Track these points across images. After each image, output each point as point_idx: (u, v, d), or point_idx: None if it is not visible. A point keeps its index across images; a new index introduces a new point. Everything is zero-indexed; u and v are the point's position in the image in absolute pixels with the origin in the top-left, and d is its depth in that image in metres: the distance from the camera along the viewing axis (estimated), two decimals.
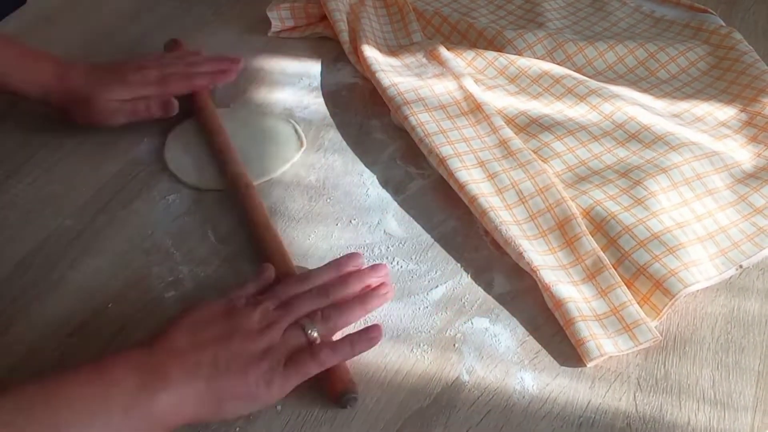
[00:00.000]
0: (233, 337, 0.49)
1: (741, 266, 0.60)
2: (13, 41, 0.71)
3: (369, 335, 0.53)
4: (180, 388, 0.46)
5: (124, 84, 0.72)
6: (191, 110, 0.75)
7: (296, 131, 0.75)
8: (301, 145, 0.73)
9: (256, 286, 0.56)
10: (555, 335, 0.56)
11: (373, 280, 0.57)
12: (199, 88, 0.76)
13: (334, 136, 0.75)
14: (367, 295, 0.56)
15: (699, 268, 0.59)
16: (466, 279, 0.61)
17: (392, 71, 0.77)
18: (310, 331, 0.51)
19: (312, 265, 0.61)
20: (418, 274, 0.61)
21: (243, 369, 0.48)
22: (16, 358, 0.55)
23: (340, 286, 0.56)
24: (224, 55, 0.81)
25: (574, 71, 0.79)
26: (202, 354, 0.48)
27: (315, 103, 0.79)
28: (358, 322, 0.56)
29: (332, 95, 0.80)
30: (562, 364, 0.55)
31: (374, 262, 0.60)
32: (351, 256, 0.59)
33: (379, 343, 0.53)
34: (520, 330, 0.57)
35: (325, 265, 0.58)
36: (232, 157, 0.69)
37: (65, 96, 0.70)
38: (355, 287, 0.56)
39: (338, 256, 0.59)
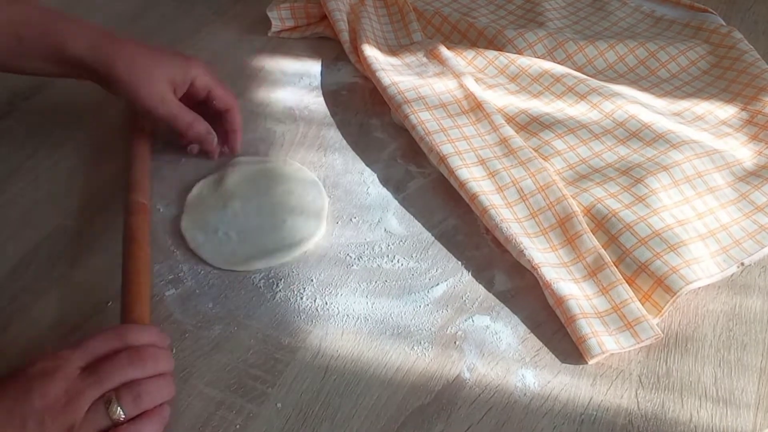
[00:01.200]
0: (25, 426, 0.42)
1: (742, 264, 0.60)
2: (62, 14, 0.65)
3: (162, 414, 0.47)
4: None
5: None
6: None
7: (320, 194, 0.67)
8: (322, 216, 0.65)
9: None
10: (556, 333, 0.56)
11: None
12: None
13: (334, 135, 0.75)
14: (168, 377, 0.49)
15: (700, 266, 0.59)
16: (467, 277, 0.60)
17: (392, 70, 0.77)
18: (115, 410, 0.44)
19: (311, 265, 0.61)
20: (418, 272, 0.61)
21: None
22: (15, 356, 0.55)
23: (161, 356, 0.48)
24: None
25: (575, 70, 0.79)
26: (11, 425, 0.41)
27: (315, 103, 0.79)
28: None
29: (332, 94, 0.80)
30: (563, 361, 0.54)
31: (371, 262, 0.59)
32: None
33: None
34: (521, 327, 0.57)
35: (148, 326, 0.51)
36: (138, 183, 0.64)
37: (122, 67, 0.64)
38: (171, 364, 0.50)
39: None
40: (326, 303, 0.58)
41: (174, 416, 0.51)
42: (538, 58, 0.81)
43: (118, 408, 0.45)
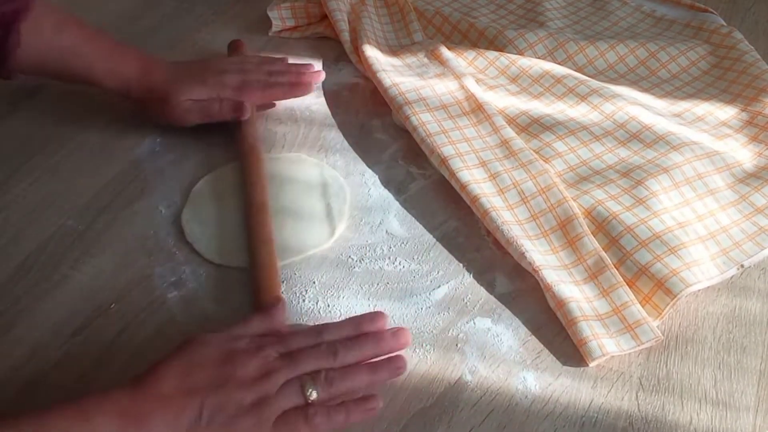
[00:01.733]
0: (224, 386, 0.46)
1: (742, 266, 0.60)
2: (102, 33, 0.71)
3: (367, 406, 0.50)
4: None
5: (202, 85, 0.72)
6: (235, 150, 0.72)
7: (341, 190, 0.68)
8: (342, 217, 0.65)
9: (261, 326, 0.52)
10: (557, 335, 0.56)
11: (390, 346, 0.52)
12: (276, 99, 0.77)
13: (335, 136, 0.75)
14: (378, 365, 0.51)
15: (700, 268, 0.59)
16: (468, 279, 0.61)
17: (393, 71, 0.77)
18: (309, 391, 0.48)
19: (313, 267, 0.61)
20: (420, 274, 0.61)
21: (227, 422, 0.45)
22: (18, 358, 0.55)
23: (353, 347, 0.51)
24: (307, 65, 0.80)
25: (575, 71, 0.79)
26: (188, 402, 0.45)
27: (316, 103, 0.79)
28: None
29: (333, 95, 0.80)
30: (564, 363, 0.55)
31: (373, 264, 0.59)
32: (374, 316, 0.54)
33: (375, 414, 0.50)
34: (523, 330, 0.57)
35: (344, 320, 0.54)
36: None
37: (145, 92, 0.71)
38: (369, 351, 0.51)
39: (362, 312, 0.56)
40: (328, 305, 0.59)
41: None
42: (539, 58, 0.81)
43: (312, 389, 0.48)
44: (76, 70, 0.69)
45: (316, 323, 0.55)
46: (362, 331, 0.53)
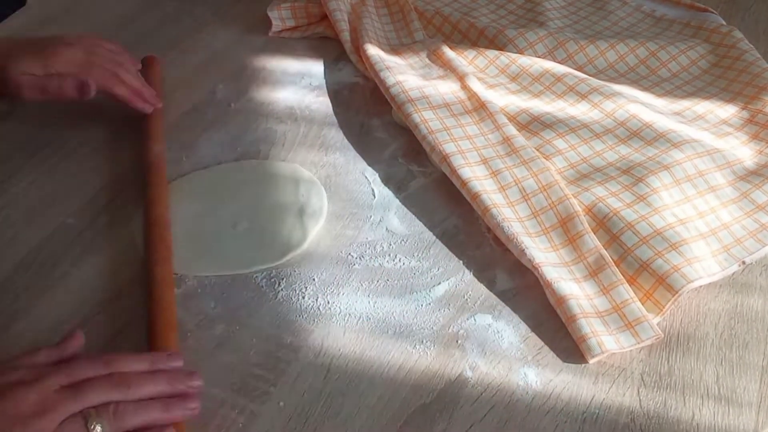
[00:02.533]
0: None
1: (744, 262, 0.60)
2: None
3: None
4: None
5: (38, 58, 0.67)
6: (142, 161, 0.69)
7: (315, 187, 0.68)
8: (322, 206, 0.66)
9: (49, 357, 0.47)
10: (558, 331, 0.56)
11: (184, 386, 0.49)
12: (114, 95, 0.71)
13: (335, 134, 0.75)
14: (171, 403, 0.48)
15: (702, 264, 0.59)
16: (469, 276, 0.61)
17: (396, 69, 0.77)
18: (93, 426, 0.43)
19: (313, 264, 0.61)
20: (420, 271, 0.61)
21: None
22: None
23: (147, 380, 0.47)
24: (146, 88, 0.74)
25: (576, 69, 0.79)
26: None
27: (316, 103, 0.79)
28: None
29: (334, 94, 0.80)
30: (565, 360, 0.54)
31: (373, 261, 0.59)
32: (170, 356, 0.51)
33: None
34: (523, 326, 0.57)
35: (138, 354, 0.50)
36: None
37: None
38: (162, 388, 0.48)
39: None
40: (328, 302, 0.58)
41: None
42: (539, 57, 0.81)
43: (97, 425, 0.44)
44: None
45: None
46: (156, 367, 0.49)
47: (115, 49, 0.75)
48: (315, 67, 0.84)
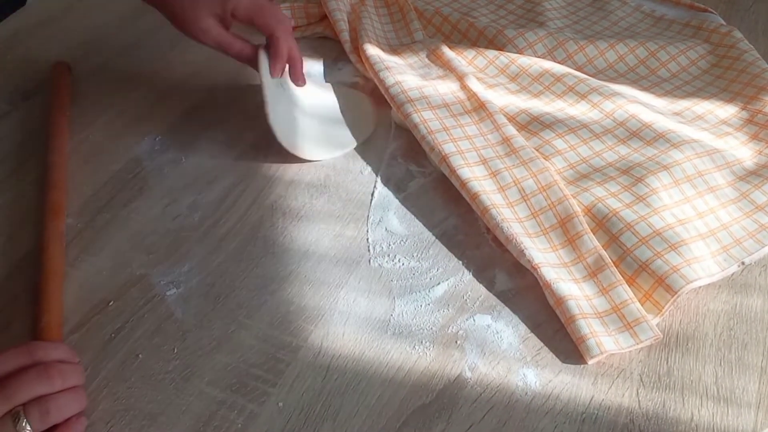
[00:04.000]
0: None
1: (743, 263, 0.60)
2: None
3: (75, 428, 0.47)
4: None
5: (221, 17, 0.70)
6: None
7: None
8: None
9: None
10: (557, 332, 0.56)
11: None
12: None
13: None
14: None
15: (701, 265, 0.59)
16: (468, 276, 0.60)
17: (395, 69, 0.77)
18: (23, 425, 0.44)
19: (310, 262, 0.61)
20: (419, 272, 0.61)
21: None
22: None
23: (72, 370, 0.48)
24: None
25: (575, 69, 0.79)
26: None
27: None
28: None
29: None
30: (564, 360, 0.54)
31: (372, 261, 0.59)
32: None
33: None
34: (522, 327, 0.57)
35: (60, 344, 0.51)
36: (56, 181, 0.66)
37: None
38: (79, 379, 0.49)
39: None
40: (327, 302, 0.58)
41: (175, 416, 0.51)
42: (539, 57, 0.81)
43: (26, 422, 0.44)
44: None
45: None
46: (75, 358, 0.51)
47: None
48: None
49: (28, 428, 0.44)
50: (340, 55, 0.85)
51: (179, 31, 0.71)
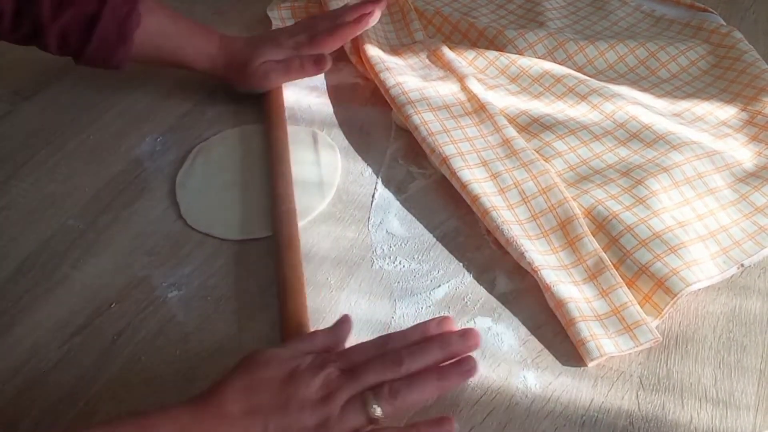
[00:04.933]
0: (288, 407, 0.45)
1: (742, 265, 0.60)
2: (181, 16, 0.73)
3: (440, 427, 0.47)
4: None
5: (276, 45, 0.75)
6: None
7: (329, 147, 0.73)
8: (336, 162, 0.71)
9: (325, 341, 0.51)
10: (557, 334, 0.57)
11: (458, 349, 0.50)
12: (344, 39, 0.78)
13: (335, 135, 0.75)
14: (446, 370, 0.49)
15: (700, 267, 0.59)
16: (469, 278, 0.61)
17: (396, 70, 0.77)
18: (372, 408, 0.46)
19: (311, 265, 0.62)
20: (420, 274, 0.61)
21: None
22: (18, 357, 0.55)
23: (418, 353, 0.49)
24: (365, 3, 0.81)
25: (575, 70, 0.80)
26: (251, 423, 0.44)
27: (316, 103, 0.79)
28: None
29: (333, 95, 0.80)
30: (564, 363, 0.55)
31: (373, 264, 0.59)
32: (440, 320, 0.52)
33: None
34: (523, 329, 0.57)
35: (410, 327, 0.52)
36: (286, 191, 0.66)
37: (228, 64, 0.74)
38: (435, 356, 0.49)
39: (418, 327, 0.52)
40: (328, 305, 0.59)
41: None
42: (539, 58, 0.81)
43: (375, 405, 0.46)
44: (165, 53, 0.72)
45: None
46: (428, 335, 0.51)
47: (329, 13, 0.82)
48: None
49: (377, 410, 0.46)
50: (340, 56, 0.85)
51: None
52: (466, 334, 0.51)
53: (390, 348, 0.50)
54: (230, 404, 0.45)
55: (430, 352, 0.49)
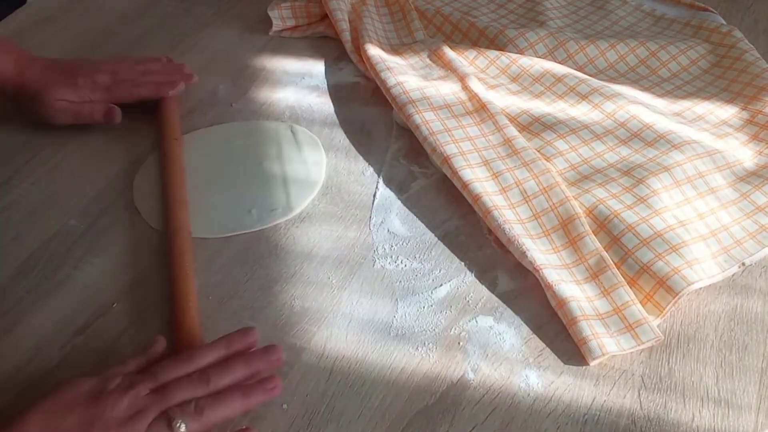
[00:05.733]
0: (92, 428, 0.45)
1: (743, 264, 0.60)
2: None
3: (269, 355, 0.51)
4: None
5: (72, 87, 0.72)
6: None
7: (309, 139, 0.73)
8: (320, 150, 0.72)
9: (137, 364, 0.51)
10: (559, 333, 0.57)
11: (261, 366, 0.52)
12: (143, 98, 0.75)
13: (336, 135, 0.75)
14: (251, 388, 0.50)
15: (702, 266, 0.59)
16: (470, 277, 0.61)
17: (397, 69, 0.77)
18: (177, 425, 0.46)
19: (313, 264, 0.62)
20: (422, 273, 0.61)
21: None
22: (20, 357, 0.55)
23: (224, 371, 0.50)
24: (181, 65, 0.80)
25: (576, 69, 0.80)
26: None
27: (317, 103, 0.79)
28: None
29: (334, 94, 0.80)
30: (566, 362, 0.55)
31: (375, 263, 0.59)
32: (243, 333, 0.53)
33: None
34: (525, 328, 0.57)
35: (214, 342, 0.52)
36: (178, 201, 0.65)
37: (18, 90, 0.71)
38: (241, 372, 0.51)
39: (231, 331, 0.53)
40: (330, 305, 0.59)
41: None
42: (540, 57, 0.81)
43: (181, 423, 0.46)
44: None
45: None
46: (233, 350, 0.52)
47: (142, 60, 0.79)
48: (315, 67, 0.84)
49: (183, 427, 0.46)
50: (341, 55, 0.85)
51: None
52: (269, 351, 0.52)
53: (198, 364, 0.50)
54: (32, 428, 0.44)
55: (236, 369, 0.50)
